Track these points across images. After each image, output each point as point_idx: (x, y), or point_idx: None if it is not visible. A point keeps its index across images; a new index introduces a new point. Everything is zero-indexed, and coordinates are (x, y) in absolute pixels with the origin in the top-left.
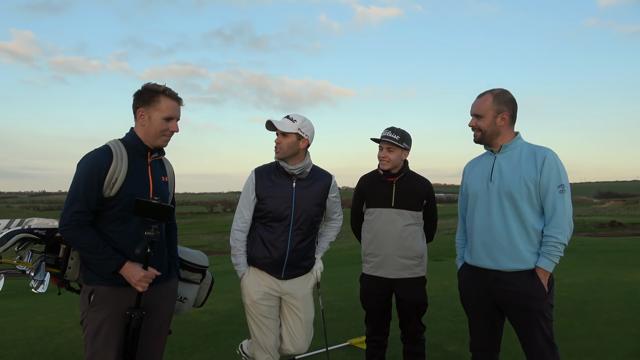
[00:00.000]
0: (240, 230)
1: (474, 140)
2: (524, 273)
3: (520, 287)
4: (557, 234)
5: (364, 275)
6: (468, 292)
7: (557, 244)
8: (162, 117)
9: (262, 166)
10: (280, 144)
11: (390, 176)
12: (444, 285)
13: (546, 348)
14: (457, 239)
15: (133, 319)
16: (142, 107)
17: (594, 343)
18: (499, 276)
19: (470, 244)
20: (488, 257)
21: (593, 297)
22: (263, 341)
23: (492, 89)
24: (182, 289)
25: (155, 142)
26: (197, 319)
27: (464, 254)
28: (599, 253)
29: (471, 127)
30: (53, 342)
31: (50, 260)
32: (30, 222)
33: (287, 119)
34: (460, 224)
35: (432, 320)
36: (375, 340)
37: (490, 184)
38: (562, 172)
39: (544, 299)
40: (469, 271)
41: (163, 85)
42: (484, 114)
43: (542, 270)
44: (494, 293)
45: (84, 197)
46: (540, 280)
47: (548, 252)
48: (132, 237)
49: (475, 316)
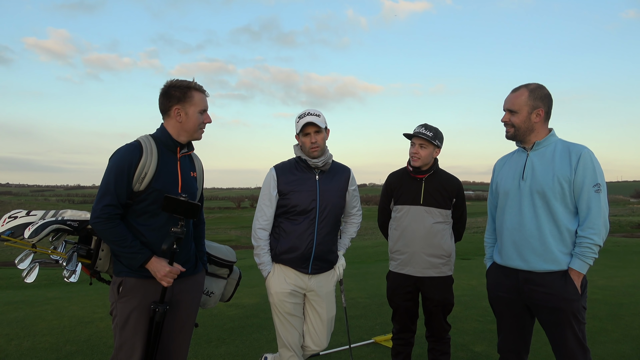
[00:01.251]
0: (262, 229)
1: (507, 137)
2: (556, 274)
3: (552, 288)
4: (591, 235)
5: (390, 273)
6: (497, 292)
7: (591, 245)
8: (197, 111)
9: (282, 163)
10: (316, 142)
11: (419, 173)
12: (472, 284)
13: (578, 352)
14: (486, 238)
15: (157, 313)
16: (177, 105)
17: (628, 348)
18: (529, 277)
19: (500, 243)
20: (519, 257)
21: (628, 300)
22: (287, 339)
23: (528, 83)
24: (209, 284)
25: (193, 136)
26: (224, 312)
27: (492, 253)
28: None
29: (504, 122)
30: (85, 331)
31: (82, 251)
32: (64, 213)
33: (312, 115)
34: (489, 222)
35: (458, 319)
36: (402, 338)
37: (522, 182)
38: (598, 170)
39: (577, 301)
40: (498, 271)
41: (193, 80)
42: (519, 110)
43: (575, 272)
44: (525, 294)
45: (115, 191)
46: (573, 282)
47: (582, 254)
48: (160, 231)
49: (504, 317)
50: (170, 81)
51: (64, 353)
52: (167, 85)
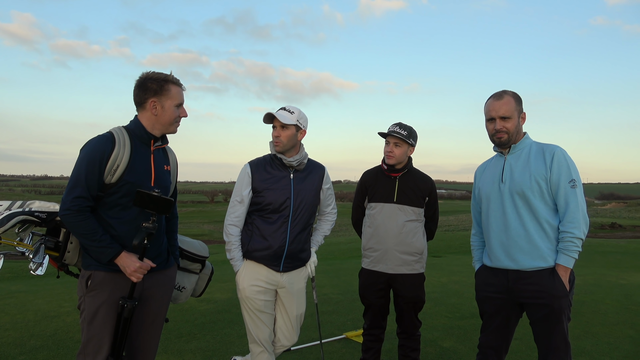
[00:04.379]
0: (234, 225)
1: (499, 143)
2: (545, 271)
3: (542, 285)
4: (572, 229)
5: (363, 270)
6: (485, 292)
7: (573, 239)
8: (174, 104)
9: (256, 159)
10: (279, 137)
11: (393, 171)
12: (442, 281)
13: (562, 347)
14: (472, 242)
15: (125, 308)
16: (153, 97)
17: (589, 344)
18: (520, 275)
19: (488, 246)
20: (507, 257)
21: (590, 298)
22: (257, 335)
23: (505, 90)
24: (180, 278)
25: (168, 129)
26: (195, 307)
27: (481, 255)
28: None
29: (497, 130)
30: (51, 326)
31: (50, 243)
32: (32, 204)
33: (284, 110)
34: (474, 226)
35: (428, 316)
36: (373, 334)
37: (502, 185)
38: (572, 167)
39: (565, 298)
40: (488, 272)
41: (170, 73)
42: (511, 115)
43: (562, 267)
44: (515, 293)
45: (86, 183)
46: (561, 279)
47: (566, 248)
48: (130, 224)
49: (492, 316)
50: (146, 73)
51: (28, 348)
52: (143, 76)
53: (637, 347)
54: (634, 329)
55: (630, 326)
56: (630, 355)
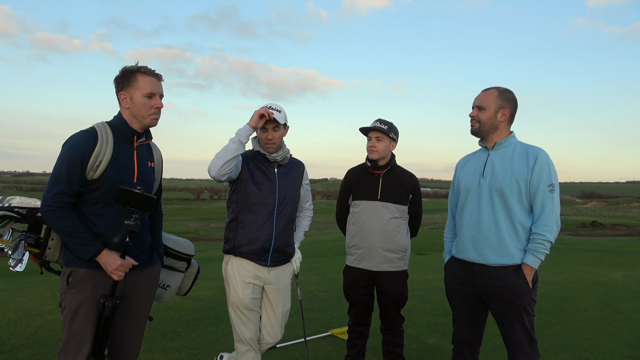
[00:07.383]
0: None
1: (471, 131)
2: (510, 268)
3: (505, 281)
4: (544, 232)
5: (347, 267)
6: (453, 284)
7: (544, 242)
8: (142, 95)
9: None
10: (273, 139)
11: (377, 169)
12: (427, 279)
13: (526, 342)
14: (446, 234)
15: (107, 307)
16: (122, 90)
17: (569, 339)
18: (484, 270)
19: (458, 237)
20: (475, 250)
21: (571, 295)
22: (243, 333)
23: (498, 86)
24: (165, 277)
25: (143, 122)
26: (180, 305)
27: (451, 247)
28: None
29: (471, 117)
30: (32, 324)
31: (31, 239)
32: (12, 200)
33: (274, 111)
34: (449, 218)
35: (413, 313)
36: (357, 330)
37: (482, 180)
38: (553, 172)
39: (527, 295)
40: (455, 264)
41: (136, 64)
42: (487, 107)
43: (527, 266)
44: (479, 286)
45: (67, 179)
46: (525, 277)
47: (535, 249)
48: (112, 221)
49: (459, 309)
50: (123, 67)
51: (8, 347)
52: (120, 70)
53: (616, 343)
54: (613, 324)
55: (609, 322)
56: (610, 350)
